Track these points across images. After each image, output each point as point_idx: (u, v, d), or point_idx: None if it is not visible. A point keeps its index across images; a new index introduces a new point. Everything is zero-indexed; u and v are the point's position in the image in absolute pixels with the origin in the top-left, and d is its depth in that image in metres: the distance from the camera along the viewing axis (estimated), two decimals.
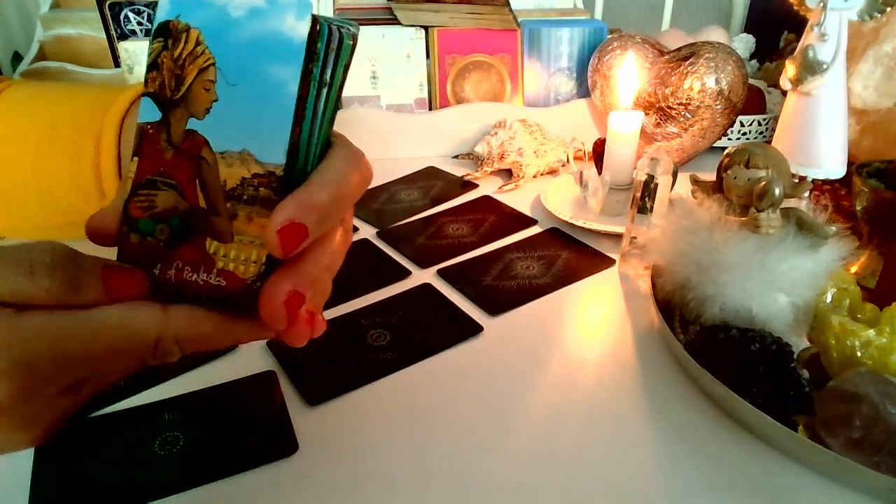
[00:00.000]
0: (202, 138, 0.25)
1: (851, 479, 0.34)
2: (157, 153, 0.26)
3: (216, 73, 0.25)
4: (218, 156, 0.25)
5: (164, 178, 0.26)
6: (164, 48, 0.25)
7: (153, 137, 0.26)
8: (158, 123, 0.25)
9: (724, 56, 0.68)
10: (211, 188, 0.25)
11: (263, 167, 0.25)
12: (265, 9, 0.25)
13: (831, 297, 0.42)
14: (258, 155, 0.25)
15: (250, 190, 0.25)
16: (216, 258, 0.25)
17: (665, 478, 0.35)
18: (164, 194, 0.26)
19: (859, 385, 0.34)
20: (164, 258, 0.26)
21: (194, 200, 0.25)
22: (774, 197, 0.40)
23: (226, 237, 0.25)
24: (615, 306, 0.51)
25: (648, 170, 0.52)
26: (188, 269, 0.26)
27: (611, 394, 0.41)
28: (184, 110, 0.25)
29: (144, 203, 0.26)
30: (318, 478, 0.35)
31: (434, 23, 0.79)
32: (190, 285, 0.25)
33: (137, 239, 0.26)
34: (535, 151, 0.74)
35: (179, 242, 0.25)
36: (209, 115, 0.25)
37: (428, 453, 0.37)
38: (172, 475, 0.35)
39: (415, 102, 0.83)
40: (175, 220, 0.26)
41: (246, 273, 0.25)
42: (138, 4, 0.83)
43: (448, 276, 0.54)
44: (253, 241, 0.25)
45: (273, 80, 0.25)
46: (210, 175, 0.25)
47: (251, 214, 0.25)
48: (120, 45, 0.74)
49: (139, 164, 0.26)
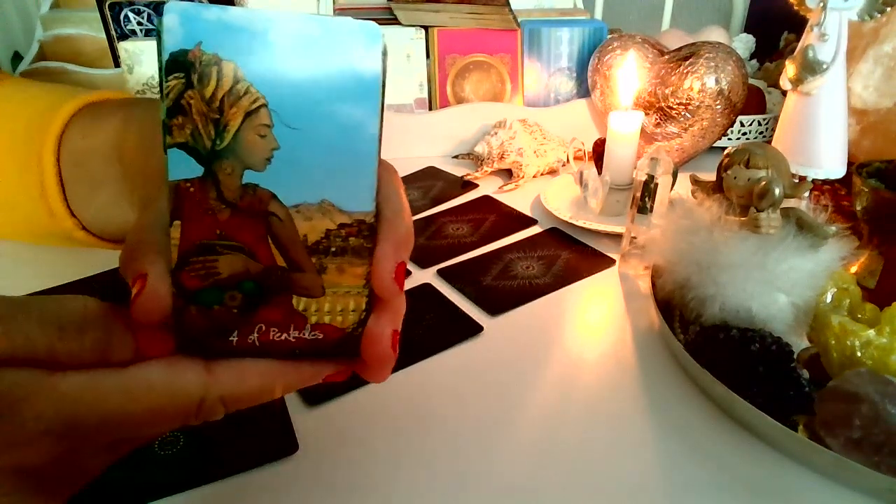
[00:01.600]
0: (267, 193, 0.22)
1: (851, 479, 0.34)
2: (207, 215, 0.22)
3: (270, 115, 0.21)
4: (292, 210, 0.22)
5: (224, 241, 0.22)
6: (187, 86, 0.21)
7: (198, 197, 0.21)
8: (202, 180, 0.21)
9: (724, 56, 0.68)
10: (290, 246, 0.22)
11: (350, 216, 0.23)
12: (320, 37, 0.21)
13: (831, 297, 0.42)
14: (341, 204, 0.22)
15: (338, 241, 0.23)
16: (308, 314, 0.23)
17: (665, 478, 0.35)
18: (229, 259, 0.22)
19: (859, 385, 0.34)
20: (241, 325, 0.23)
21: (269, 260, 0.22)
22: (774, 197, 0.40)
23: (316, 292, 0.23)
24: (615, 306, 0.51)
25: (648, 170, 0.52)
26: (274, 330, 0.23)
27: (611, 394, 0.41)
28: (235, 162, 0.21)
29: (202, 272, 0.22)
30: (318, 478, 0.35)
31: (434, 23, 0.79)
32: (279, 344, 0.23)
33: (199, 311, 0.22)
34: (535, 151, 0.74)
35: (257, 305, 0.23)
36: (270, 164, 0.22)
37: (428, 453, 0.37)
38: (172, 475, 0.35)
39: (415, 102, 0.83)
40: (248, 284, 0.23)
41: (345, 322, 0.24)
42: (138, 4, 0.83)
43: (448, 276, 0.54)
44: (349, 290, 0.23)
45: (346, 120, 0.22)
46: (286, 232, 0.22)
47: (343, 266, 0.23)
48: (120, 45, 0.74)
49: (184, 229, 0.22)
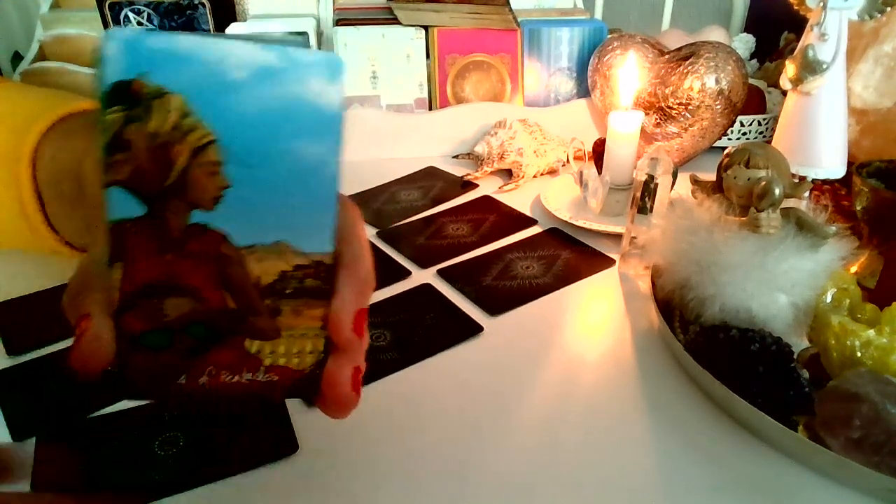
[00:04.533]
0: (218, 234, 0.21)
1: (851, 479, 0.34)
2: (151, 256, 0.20)
3: (220, 152, 0.20)
4: (244, 250, 0.21)
5: (171, 283, 0.21)
6: (128, 120, 0.19)
7: (141, 238, 0.20)
8: (145, 220, 0.20)
9: (724, 56, 0.68)
10: (242, 288, 0.21)
11: (308, 258, 0.21)
12: (280, 69, 0.19)
13: (831, 297, 0.42)
14: (298, 245, 0.21)
15: (294, 283, 0.21)
16: (262, 356, 0.22)
17: (665, 478, 0.35)
18: (176, 302, 0.21)
19: (859, 385, 0.34)
20: (190, 367, 0.22)
21: (220, 303, 0.21)
22: (774, 197, 0.40)
23: (271, 335, 0.22)
24: (615, 306, 0.51)
25: (648, 170, 0.52)
26: (226, 372, 0.22)
27: (611, 394, 0.41)
28: (181, 202, 0.20)
29: (147, 314, 0.21)
30: (318, 478, 0.35)
31: (434, 23, 0.79)
32: (230, 387, 0.22)
33: (146, 355, 0.21)
34: (535, 151, 0.74)
35: (208, 348, 0.22)
36: (220, 203, 0.20)
37: (428, 452, 0.37)
38: (172, 475, 0.35)
39: (415, 102, 0.83)
40: (197, 327, 0.21)
41: (302, 364, 0.23)
42: (138, 4, 0.83)
43: (448, 276, 0.54)
44: (305, 332, 0.22)
45: (305, 158, 0.20)
46: (237, 274, 0.21)
47: (299, 308, 0.22)
48: None
49: (127, 271, 0.20)
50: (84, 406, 0.40)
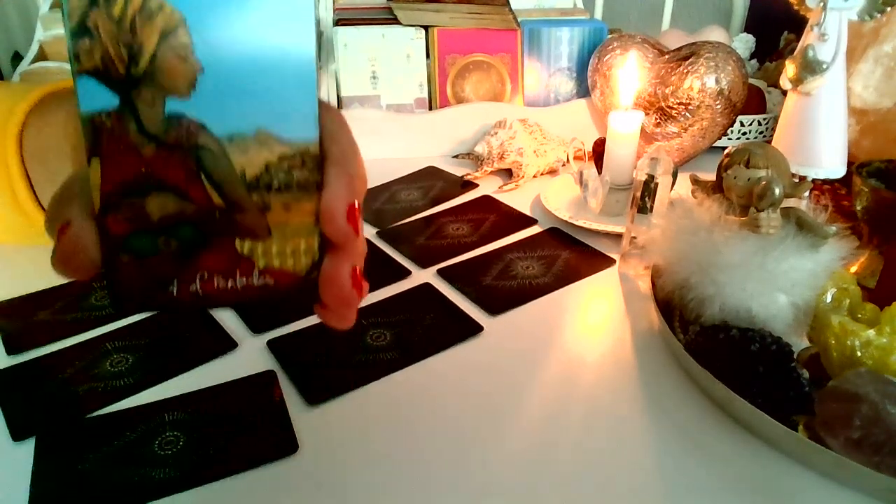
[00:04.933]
0: (196, 123, 0.20)
1: (851, 479, 0.34)
2: (128, 151, 0.20)
3: (190, 34, 0.19)
4: (225, 141, 0.20)
5: (151, 180, 0.20)
6: (91, 4, 0.18)
7: (116, 131, 0.19)
8: (119, 111, 0.19)
9: (724, 56, 0.68)
10: (226, 182, 0.20)
11: (292, 146, 0.20)
12: None
13: (831, 297, 0.42)
14: (280, 133, 0.20)
15: (281, 175, 0.21)
16: (254, 258, 0.21)
17: (665, 477, 0.35)
18: (158, 200, 0.20)
19: (859, 385, 0.34)
20: (180, 273, 0.21)
21: (204, 200, 0.20)
22: (774, 197, 0.40)
23: (261, 234, 0.21)
24: (615, 306, 0.51)
25: (648, 170, 0.52)
26: (219, 277, 0.21)
27: (611, 393, 0.41)
28: (155, 89, 0.19)
29: (129, 215, 0.20)
30: (318, 478, 0.35)
31: (434, 23, 0.79)
32: (225, 293, 0.21)
33: (132, 260, 0.20)
34: (535, 151, 0.74)
35: (196, 251, 0.21)
36: (196, 90, 0.19)
37: (428, 453, 0.37)
38: (172, 475, 0.35)
39: (415, 102, 0.83)
40: (184, 228, 0.20)
41: (297, 266, 0.22)
42: None
43: (448, 276, 0.54)
44: (298, 230, 0.21)
45: (279, 38, 0.19)
46: (219, 167, 0.20)
47: (288, 202, 0.21)
48: None
49: (104, 168, 0.20)
50: (83, 406, 0.40)
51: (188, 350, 0.45)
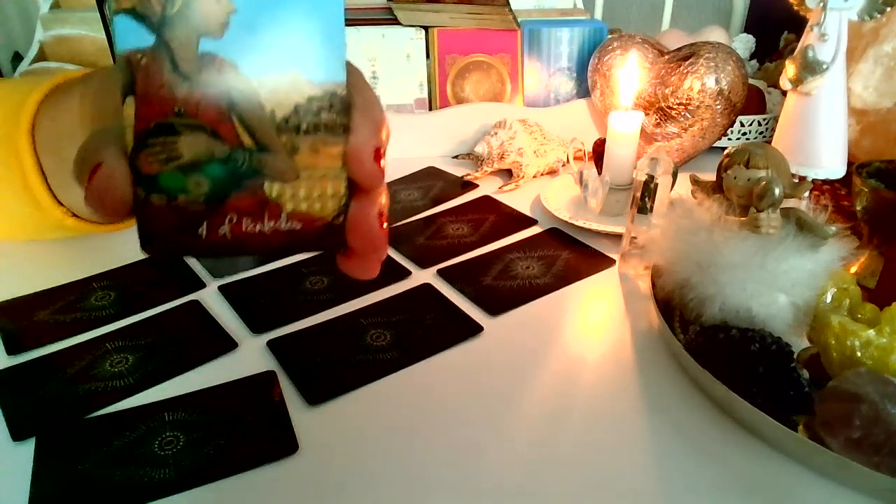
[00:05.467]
0: (228, 63, 0.20)
1: (851, 479, 0.34)
2: (162, 90, 0.20)
3: None
4: (255, 82, 0.20)
5: (184, 119, 0.20)
6: None
7: (151, 69, 0.20)
8: (153, 50, 0.19)
9: (724, 56, 0.68)
10: (256, 123, 0.21)
11: (321, 88, 0.21)
12: None
13: (831, 297, 0.42)
14: (310, 75, 0.20)
15: (309, 117, 0.21)
16: (282, 201, 0.21)
17: (665, 478, 0.35)
18: (189, 139, 0.20)
19: (859, 385, 0.34)
20: (210, 215, 0.21)
21: (235, 141, 0.21)
22: (774, 197, 0.40)
23: (289, 176, 0.21)
24: (615, 306, 0.51)
25: (648, 170, 0.52)
26: (247, 220, 0.21)
27: (611, 394, 0.41)
28: (189, 29, 0.19)
29: (162, 155, 0.20)
30: (318, 478, 0.35)
31: (434, 23, 0.79)
32: (253, 238, 0.21)
33: (163, 200, 0.20)
34: (535, 151, 0.74)
35: (227, 193, 0.21)
36: (229, 30, 0.20)
37: (428, 453, 0.37)
38: (172, 475, 0.35)
39: (415, 102, 0.83)
40: (214, 167, 0.21)
41: (324, 210, 0.22)
42: None
43: (448, 276, 0.54)
44: (325, 174, 0.21)
45: None
46: (250, 107, 0.20)
47: (316, 145, 0.21)
48: None
49: (138, 106, 0.20)
50: (84, 406, 0.40)
51: (188, 350, 0.45)
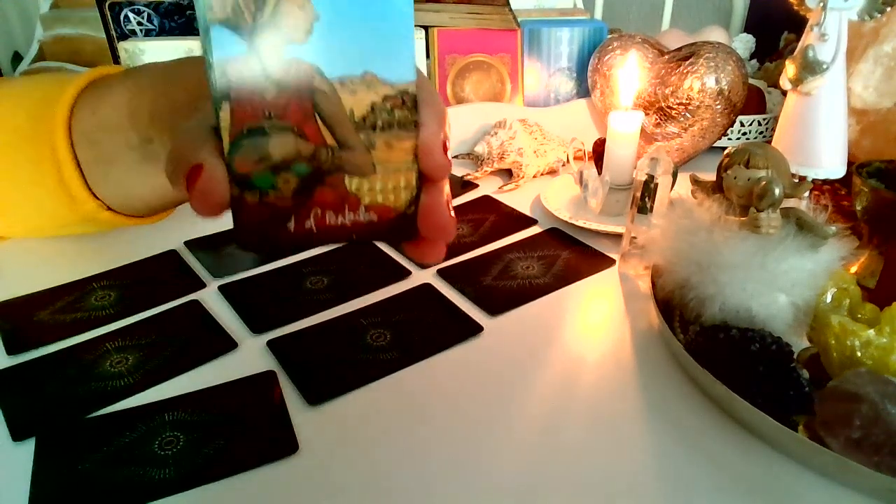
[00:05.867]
0: (311, 67, 0.22)
1: (851, 479, 0.34)
2: (254, 94, 0.22)
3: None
4: (336, 83, 0.22)
5: (273, 121, 0.22)
6: None
7: (244, 76, 0.21)
8: (246, 57, 0.21)
9: (724, 56, 0.68)
10: (337, 122, 0.22)
11: (394, 88, 0.22)
12: None
13: (831, 297, 0.42)
14: (385, 75, 0.22)
15: (384, 115, 0.23)
16: (360, 194, 0.23)
17: (664, 478, 0.35)
18: (279, 139, 0.22)
19: (859, 385, 0.34)
20: (297, 210, 0.23)
21: (318, 140, 0.22)
22: (774, 197, 0.40)
23: (367, 171, 0.23)
24: (615, 306, 0.51)
25: (648, 170, 0.52)
26: (330, 213, 0.23)
27: (611, 393, 0.41)
28: (277, 36, 0.21)
29: (254, 156, 0.22)
30: (318, 478, 0.35)
31: (434, 23, 0.79)
32: (335, 230, 0.23)
33: (256, 197, 0.22)
34: (535, 151, 0.74)
35: (312, 188, 0.23)
36: (312, 36, 0.21)
37: (428, 453, 0.37)
38: (172, 475, 0.35)
39: None
40: (300, 165, 0.22)
41: (398, 201, 0.24)
42: (138, 4, 0.83)
43: (448, 276, 0.54)
44: (398, 167, 0.23)
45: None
46: (332, 107, 0.22)
47: (390, 141, 0.23)
48: (120, 45, 0.74)
49: (233, 110, 0.22)
50: (84, 406, 0.40)
51: (188, 350, 0.45)
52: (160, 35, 0.84)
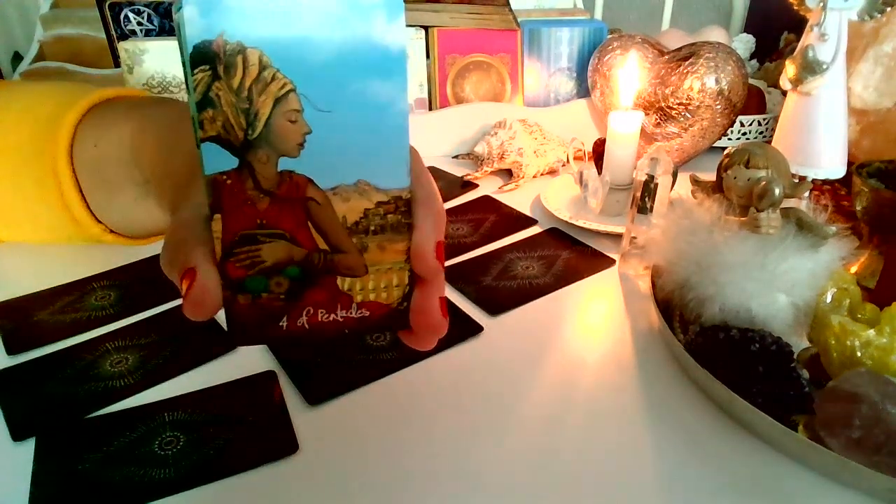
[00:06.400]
0: (304, 178, 0.22)
1: (851, 479, 0.34)
2: (246, 205, 0.22)
3: (300, 99, 0.21)
4: (329, 193, 0.22)
5: (266, 229, 0.22)
6: (213, 78, 0.20)
7: (235, 188, 0.22)
8: (237, 171, 0.21)
9: (724, 56, 0.68)
10: (330, 229, 0.23)
11: (387, 194, 0.23)
12: (344, 15, 0.20)
13: (831, 297, 0.42)
14: (378, 183, 0.22)
15: (377, 220, 0.23)
16: (353, 293, 0.24)
17: (665, 478, 0.35)
18: (271, 246, 0.22)
19: (859, 385, 0.34)
20: (289, 310, 0.23)
21: (311, 245, 0.23)
22: (774, 197, 0.40)
23: (359, 271, 0.24)
24: (615, 306, 0.51)
25: (648, 170, 0.52)
26: (322, 311, 0.24)
27: (611, 394, 0.41)
28: (269, 150, 0.21)
29: (246, 262, 0.22)
30: (318, 478, 0.35)
31: (434, 23, 0.79)
32: (328, 325, 0.24)
33: (248, 299, 0.23)
34: (535, 151, 0.74)
35: (304, 289, 0.23)
36: (304, 149, 0.21)
37: (428, 453, 0.37)
38: (172, 475, 0.35)
39: (415, 102, 0.83)
40: (293, 269, 0.23)
41: (390, 298, 0.24)
42: (138, 4, 0.83)
43: (448, 276, 0.54)
44: (391, 267, 0.24)
45: (375, 98, 0.21)
46: (325, 215, 0.22)
47: (383, 243, 0.23)
48: (120, 45, 0.74)
49: (225, 221, 0.22)
50: (84, 406, 0.40)
51: (188, 350, 0.45)
52: (160, 35, 0.84)
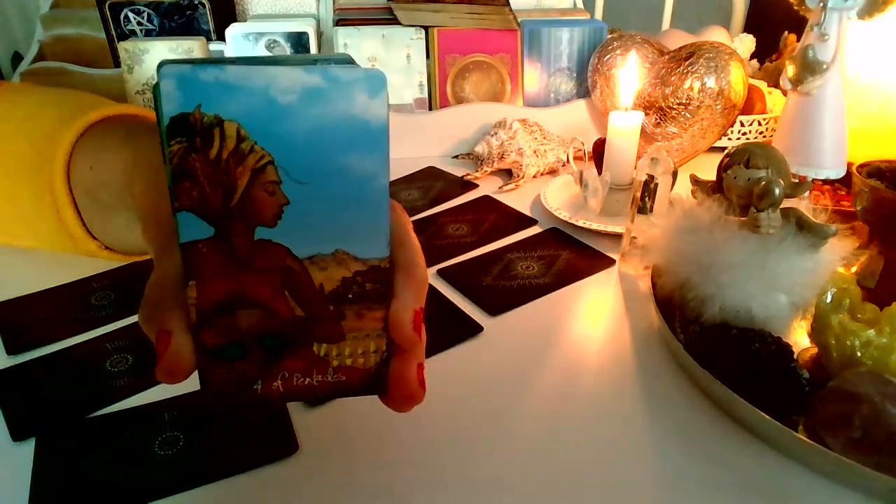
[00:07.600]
0: (281, 248, 0.22)
1: (851, 479, 0.34)
2: (222, 273, 0.22)
3: (277, 171, 0.21)
4: (306, 262, 0.22)
5: (241, 297, 0.22)
6: (190, 150, 0.20)
7: (211, 257, 0.21)
8: (214, 240, 0.21)
9: (724, 56, 0.68)
10: (307, 297, 0.23)
11: (365, 263, 0.23)
12: (325, 89, 0.20)
13: (831, 297, 0.42)
14: (356, 252, 0.22)
15: (355, 288, 0.23)
16: (329, 358, 0.24)
17: (664, 477, 0.35)
18: (247, 314, 0.22)
19: (859, 385, 0.34)
20: (265, 375, 0.23)
21: (288, 312, 0.23)
22: (774, 197, 0.40)
23: (336, 339, 0.23)
24: (615, 306, 0.51)
25: (648, 170, 0.52)
26: (298, 376, 0.24)
27: (611, 393, 0.41)
28: (246, 221, 0.21)
29: (222, 329, 0.22)
30: (318, 478, 0.35)
31: (434, 23, 0.79)
32: (303, 389, 0.24)
33: (223, 366, 0.23)
34: (535, 151, 0.74)
35: (280, 356, 0.23)
36: (281, 220, 0.21)
37: (428, 453, 0.37)
38: (172, 475, 0.35)
39: (415, 102, 0.83)
40: (268, 337, 0.23)
41: (367, 364, 0.24)
42: (138, 4, 0.83)
43: (448, 276, 0.54)
44: (369, 334, 0.24)
45: (355, 172, 0.21)
46: (302, 284, 0.22)
47: (361, 311, 0.23)
48: (120, 45, 0.74)
49: (200, 289, 0.22)
50: (84, 406, 0.40)
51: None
52: (160, 35, 0.84)
